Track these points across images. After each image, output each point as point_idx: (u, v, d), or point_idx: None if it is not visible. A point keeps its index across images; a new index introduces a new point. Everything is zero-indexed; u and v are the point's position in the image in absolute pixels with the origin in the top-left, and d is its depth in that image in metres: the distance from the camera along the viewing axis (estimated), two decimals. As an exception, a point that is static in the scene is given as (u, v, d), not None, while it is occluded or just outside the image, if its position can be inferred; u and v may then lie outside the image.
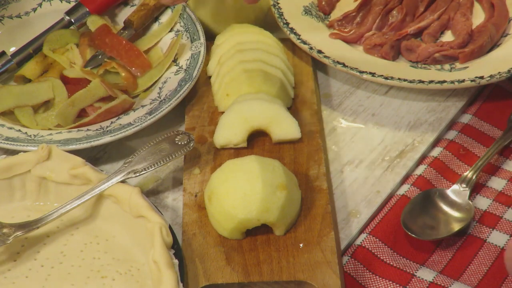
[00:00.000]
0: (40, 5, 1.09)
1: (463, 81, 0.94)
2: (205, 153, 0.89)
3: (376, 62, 1.01)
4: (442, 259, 0.81)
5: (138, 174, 0.81)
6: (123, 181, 0.80)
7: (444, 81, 0.94)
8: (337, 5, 1.13)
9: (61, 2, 1.09)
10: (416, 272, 0.79)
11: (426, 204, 0.84)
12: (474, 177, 0.86)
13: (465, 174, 0.86)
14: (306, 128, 0.91)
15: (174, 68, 0.99)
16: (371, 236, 0.82)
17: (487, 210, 0.85)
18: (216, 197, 0.78)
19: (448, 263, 0.80)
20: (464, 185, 0.85)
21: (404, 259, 0.80)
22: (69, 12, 1.04)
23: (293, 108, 0.95)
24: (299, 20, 1.06)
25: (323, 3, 1.11)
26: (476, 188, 0.87)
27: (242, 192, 0.77)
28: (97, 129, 0.90)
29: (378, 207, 0.86)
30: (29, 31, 1.04)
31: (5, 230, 0.76)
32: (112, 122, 0.92)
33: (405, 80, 0.94)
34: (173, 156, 0.83)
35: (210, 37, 1.04)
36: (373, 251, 0.81)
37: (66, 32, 1.04)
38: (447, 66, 1.00)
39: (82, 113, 0.94)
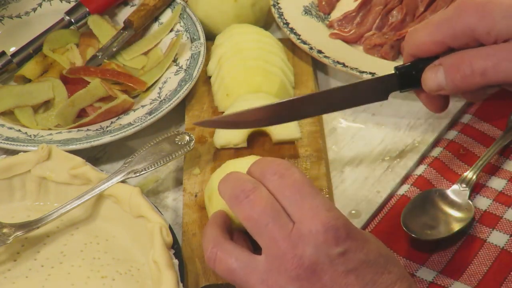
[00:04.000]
0: (40, 5, 1.09)
1: (463, 81, 0.94)
2: (205, 153, 0.89)
3: (376, 62, 1.01)
4: (442, 259, 0.81)
5: (138, 174, 0.81)
6: (123, 181, 0.80)
7: (444, 81, 0.93)
8: (337, 5, 1.13)
9: (61, 2, 1.09)
10: (416, 272, 0.79)
11: (426, 204, 0.84)
12: (474, 177, 0.86)
13: (465, 174, 0.86)
14: (306, 128, 0.91)
15: (174, 68, 0.99)
16: (371, 236, 0.82)
17: (487, 210, 0.85)
18: (216, 197, 0.78)
19: (448, 263, 0.80)
20: (464, 185, 0.85)
21: (404, 259, 0.80)
22: (69, 12, 1.04)
23: (293, 108, 0.95)
24: (299, 20, 1.06)
25: (323, 3, 1.11)
26: (476, 188, 0.87)
27: (242, 192, 0.77)
28: (97, 129, 0.90)
29: (378, 207, 0.86)
30: (29, 31, 1.04)
31: (5, 230, 0.76)
32: (112, 122, 0.92)
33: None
34: (173, 156, 0.83)
35: (210, 37, 1.04)
36: (373, 251, 0.81)
37: (66, 32, 1.04)
38: (447, 66, 1.00)
39: (82, 113, 0.94)
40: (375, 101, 0.76)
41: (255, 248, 0.66)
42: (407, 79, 0.73)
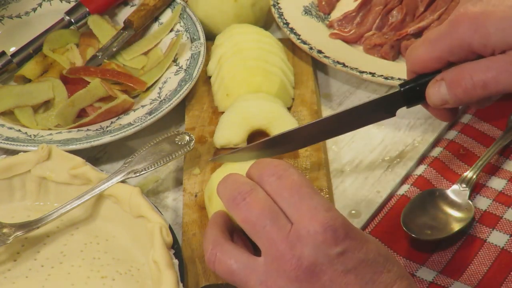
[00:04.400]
0: (40, 5, 1.09)
1: (463, 81, 0.94)
2: (205, 153, 0.89)
3: (376, 62, 1.01)
4: (442, 259, 0.81)
5: (138, 174, 0.81)
6: (123, 181, 0.80)
7: (444, 81, 0.93)
8: (337, 5, 1.13)
9: (61, 2, 1.09)
10: (416, 272, 0.79)
11: (426, 204, 0.84)
12: (474, 177, 0.86)
13: (465, 174, 0.86)
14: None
15: (174, 68, 0.99)
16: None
17: (487, 210, 0.85)
18: (216, 197, 0.78)
19: (448, 263, 0.80)
20: (464, 185, 0.85)
21: (404, 259, 0.81)
22: (69, 12, 1.04)
23: (293, 108, 0.95)
24: (299, 20, 1.06)
25: (323, 3, 1.11)
26: (476, 188, 0.87)
27: (242, 192, 0.77)
28: (97, 129, 0.90)
29: (378, 207, 0.86)
30: (29, 31, 1.04)
31: (5, 230, 0.76)
32: (112, 122, 0.92)
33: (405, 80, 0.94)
34: (173, 156, 0.83)
35: (210, 37, 1.04)
36: (373, 251, 0.81)
37: (66, 32, 1.04)
38: (447, 66, 1.00)
39: (82, 113, 0.94)
40: (383, 119, 0.77)
41: (255, 249, 0.66)
42: (412, 95, 0.73)
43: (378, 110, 0.76)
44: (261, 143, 0.78)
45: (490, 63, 0.66)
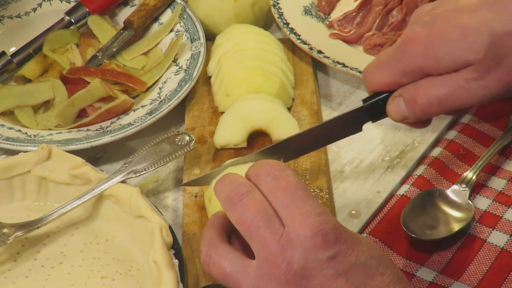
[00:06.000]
0: (40, 5, 1.09)
1: (463, 81, 0.94)
2: (205, 153, 0.89)
3: (376, 62, 1.01)
4: (442, 259, 0.81)
5: (138, 174, 0.81)
6: (123, 181, 0.80)
7: (444, 81, 0.93)
8: (337, 5, 1.13)
9: (61, 2, 1.09)
10: (416, 272, 0.79)
11: (426, 204, 0.84)
12: (474, 177, 0.86)
13: (465, 174, 0.86)
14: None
15: (174, 68, 0.99)
16: (371, 236, 0.82)
17: (487, 210, 0.85)
18: (216, 198, 0.78)
19: (448, 263, 0.80)
20: (464, 185, 0.85)
21: (404, 259, 0.81)
22: (69, 12, 1.04)
23: (293, 108, 0.95)
24: (299, 20, 1.06)
25: (323, 3, 1.11)
26: (476, 188, 0.87)
27: (242, 192, 0.77)
28: (97, 129, 0.91)
29: (378, 207, 0.86)
30: (29, 31, 1.04)
31: (5, 230, 0.76)
32: (112, 122, 0.92)
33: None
34: (173, 156, 0.83)
35: (210, 37, 1.04)
36: (373, 251, 0.81)
37: (66, 32, 1.04)
38: (447, 66, 1.00)
39: (82, 113, 0.94)
40: (350, 135, 0.78)
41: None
42: (376, 110, 0.74)
43: (344, 126, 0.77)
44: (243, 158, 0.79)
45: (444, 81, 0.67)
